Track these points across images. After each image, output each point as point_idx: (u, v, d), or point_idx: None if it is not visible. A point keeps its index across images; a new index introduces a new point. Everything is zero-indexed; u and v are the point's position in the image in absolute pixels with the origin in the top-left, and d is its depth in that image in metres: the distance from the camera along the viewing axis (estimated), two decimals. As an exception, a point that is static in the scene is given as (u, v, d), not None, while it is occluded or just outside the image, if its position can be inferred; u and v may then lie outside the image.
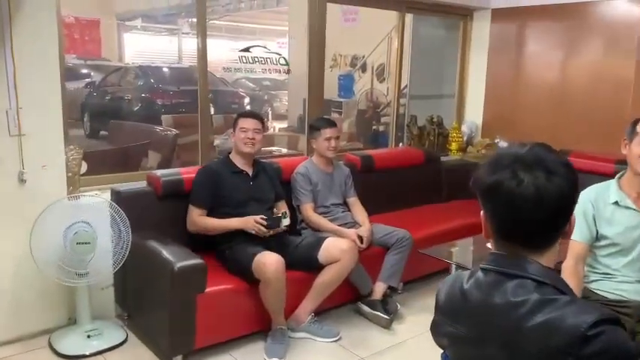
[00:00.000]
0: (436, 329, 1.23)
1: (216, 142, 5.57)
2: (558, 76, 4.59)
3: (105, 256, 2.80)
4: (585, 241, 2.14)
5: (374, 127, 7.40)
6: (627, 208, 2.11)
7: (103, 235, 2.78)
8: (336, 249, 2.96)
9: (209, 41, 3.45)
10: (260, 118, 3.21)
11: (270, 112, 10.67)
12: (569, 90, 4.49)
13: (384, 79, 7.82)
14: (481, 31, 5.02)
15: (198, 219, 2.99)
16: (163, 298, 2.70)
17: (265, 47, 3.76)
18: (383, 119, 7.34)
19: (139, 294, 2.99)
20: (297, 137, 6.95)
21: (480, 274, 1.14)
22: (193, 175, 3.11)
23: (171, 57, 11.79)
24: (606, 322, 0.96)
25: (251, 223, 2.92)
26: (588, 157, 3.88)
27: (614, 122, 4.20)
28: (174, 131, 5.47)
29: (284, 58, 3.87)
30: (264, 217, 2.96)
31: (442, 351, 1.26)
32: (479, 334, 1.10)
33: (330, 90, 6.84)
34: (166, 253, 2.71)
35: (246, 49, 3.65)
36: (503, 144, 4.91)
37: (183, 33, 11.72)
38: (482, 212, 1.16)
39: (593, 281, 2.21)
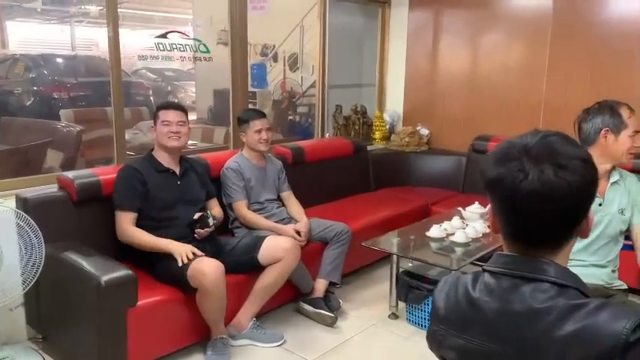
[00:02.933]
0: (438, 341, 1.11)
1: (126, 137, 5.14)
2: (475, 63, 4.69)
3: (13, 273, 2.43)
4: None
5: (290, 118, 7.26)
6: None
7: (10, 250, 2.41)
8: (278, 248, 2.78)
9: (101, 30, 3.10)
10: (183, 108, 2.94)
11: (175, 105, 10.17)
12: (486, 77, 4.60)
13: (298, 68, 7.69)
14: (399, 19, 5.02)
15: (130, 229, 2.66)
16: (88, 316, 2.39)
17: (184, 33, 3.46)
18: (299, 109, 7.22)
19: (56, 313, 2.64)
20: (212, 130, 6.65)
21: (488, 278, 1.04)
22: (110, 175, 2.80)
23: (64, 46, 10.90)
24: None
25: (187, 250, 2.58)
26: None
27: (529, 108, 4.37)
28: (79, 127, 4.97)
29: (204, 45, 3.59)
30: (195, 219, 2.75)
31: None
32: (498, 345, 0.99)
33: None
34: (89, 265, 2.41)
35: (164, 35, 3.34)
36: (424, 131, 4.96)
37: (76, 21, 10.89)
38: (489, 206, 1.06)
39: None
